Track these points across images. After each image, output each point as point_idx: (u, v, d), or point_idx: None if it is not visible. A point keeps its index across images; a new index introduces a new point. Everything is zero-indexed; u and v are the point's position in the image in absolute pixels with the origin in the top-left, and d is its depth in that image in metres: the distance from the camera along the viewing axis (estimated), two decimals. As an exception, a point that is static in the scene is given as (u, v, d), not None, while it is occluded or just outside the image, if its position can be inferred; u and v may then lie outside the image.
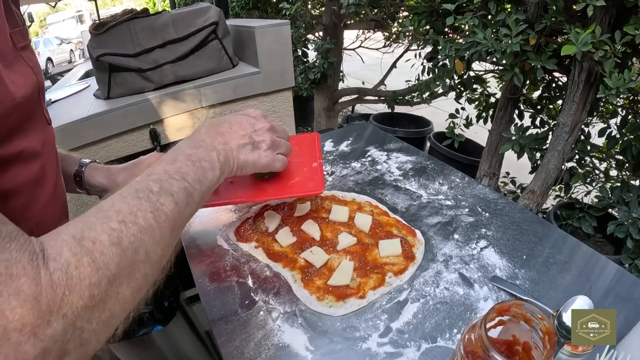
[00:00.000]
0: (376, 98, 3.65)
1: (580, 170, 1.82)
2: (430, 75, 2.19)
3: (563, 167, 1.74)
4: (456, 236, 0.83)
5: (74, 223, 0.42)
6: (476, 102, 2.30)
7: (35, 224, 0.56)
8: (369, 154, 1.17)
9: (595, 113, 1.82)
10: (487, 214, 0.89)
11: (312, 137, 0.94)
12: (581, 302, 0.60)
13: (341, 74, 3.68)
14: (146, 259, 0.45)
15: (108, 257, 0.40)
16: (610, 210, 1.77)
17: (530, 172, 1.91)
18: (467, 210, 0.91)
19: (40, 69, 0.60)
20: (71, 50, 16.62)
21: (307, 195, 0.86)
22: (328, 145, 1.22)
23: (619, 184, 1.70)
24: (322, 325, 0.66)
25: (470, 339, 0.48)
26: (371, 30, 3.55)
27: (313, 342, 0.63)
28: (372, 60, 4.03)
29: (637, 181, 1.76)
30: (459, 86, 2.15)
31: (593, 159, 1.85)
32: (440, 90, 2.15)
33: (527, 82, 1.87)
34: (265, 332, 0.65)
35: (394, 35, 3.49)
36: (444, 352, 0.60)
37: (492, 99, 2.28)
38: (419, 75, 2.62)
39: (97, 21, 1.93)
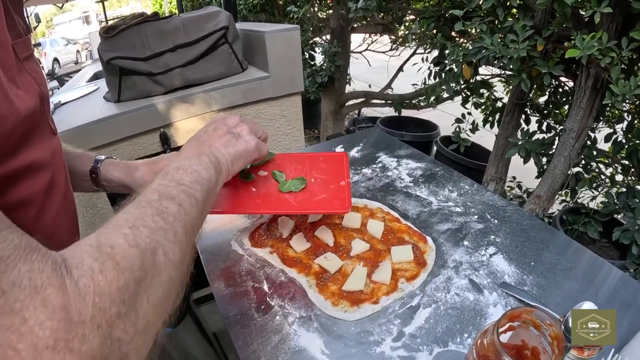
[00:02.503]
0: (383, 101, 3.67)
1: (586, 175, 1.83)
2: (437, 79, 2.21)
3: (569, 172, 1.75)
4: (466, 243, 0.85)
5: (87, 237, 0.40)
6: (482, 107, 2.31)
7: (47, 235, 0.56)
8: (379, 160, 1.19)
9: (601, 118, 1.83)
10: (496, 220, 0.91)
11: (340, 156, 0.92)
12: (587, 308, 0.62)
13: (348, 77, 3.70)
14: (166, 259, 0.44)
15: (130, 259, 0.39)
16: (615, 215, 1.78)
17: (537, 177, 1.93)
18: (476, 217, 0.93)
19: (44, 79, 0.60)
20: (77, 51, 16.70)
21: (332, 214, 0.85)
22: (339, 151, 1.24)
23: (624, 189, 1.71)
24: (337, 330, 0.68)
25: (482, 343, 0.50)
26: (378, 34, 3.57)
27: (328, 346, 0.65)
28: (379, 63, 4.04)
29: (643, 186, 1.77)
30: (466, 90, 2.16)
31: (599, 164, 1.86)
32: (446, 95, 2.16)
33: (534, 87, 1.88)
34: (281, 337, 0.67)
35: (401, 39, 3.51)
36: (455, 356, 0.62)
37: (499, 104, 2.29)
38: (425, 79, 2.64)
39: (106, 23, 1.95)
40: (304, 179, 0.84)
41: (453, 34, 1.98)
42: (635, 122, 1.74)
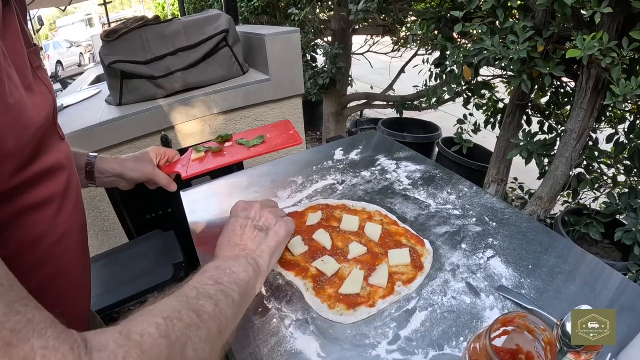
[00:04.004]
0: (385, 103, 3.67)
1: (588, 176, 1.82)
2: (438, 81, 2.21)
3: (571, 173, 1.75)
4: (464, 246, 0.85)
5: (118, 325, 0.39)
6: (484, 108, 2.31)
7: (63, 232, 0.60)
8: (378, 162, 1.19)
9: (603, 119, 1.82)
10: (494, 223, 0.91)
11: (285, 122, 1.12)
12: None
13: (350, 78, 3.70)
14: (195, 355, 0.43)
15: (158, 349, 0.38)
16: (618, 216, 1.77)
17: (539, 179, 1.92)
18: (474, 220, 0.92)
19: (52, 87, 0.63)
20: (81, 53, 16.83)
21: (290, 146, 0.99)
22: (338, 154, 1.24)
23: (627, 190, 1.70)
24: (333, 333, 0.68)
25: (475, 348, 0.50)
26: (379, 35, 3.57)
27: (324, 349, 0.65)
28: (381, 64, 4.05)
29: (646, 187, 1.76)
30: (467, 92, 2.16)
31: (601, 165, 1.85)
32: (447, 96, 2.16)
33: (536, 88, 1.88)
34: (278, 339, 0.67)
35: (402, 40, 3.51)
36: (450, 359, 0.62)
37: (501, 105, 2.28)
38: (426, 80, 2.64)
39: (109, 27, 1.97)
40: (262, 136, 1.03)
41: (454, 35, 1.98)
42: (638, 122, 1.73)
